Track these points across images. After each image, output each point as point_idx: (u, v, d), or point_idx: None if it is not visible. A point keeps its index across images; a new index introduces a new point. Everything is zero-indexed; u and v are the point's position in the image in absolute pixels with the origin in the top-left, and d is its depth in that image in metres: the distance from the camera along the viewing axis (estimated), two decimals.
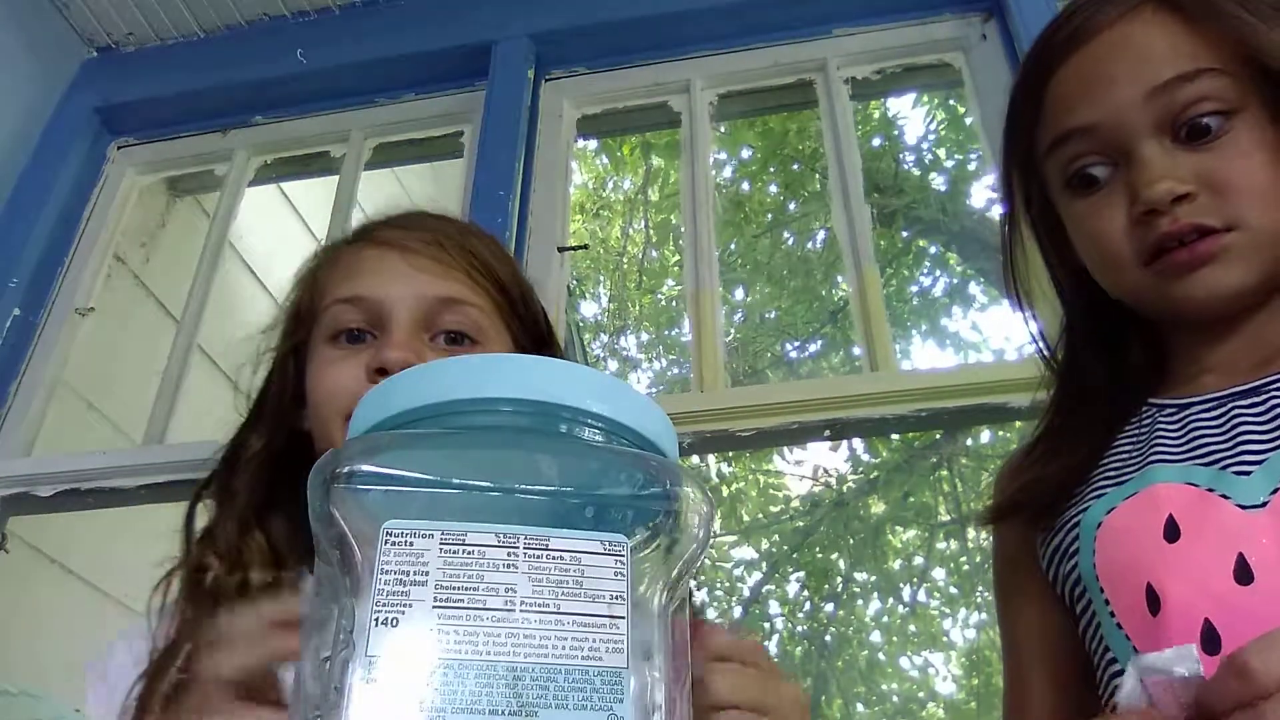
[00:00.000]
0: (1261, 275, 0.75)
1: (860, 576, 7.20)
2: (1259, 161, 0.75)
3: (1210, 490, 0.72)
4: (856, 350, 1.54)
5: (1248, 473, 0.71)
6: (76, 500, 1.73)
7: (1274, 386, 0.74)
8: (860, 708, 7.44)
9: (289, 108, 2.10)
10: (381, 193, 2.84)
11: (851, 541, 6.87)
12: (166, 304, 2.29)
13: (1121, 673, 0.68)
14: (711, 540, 0.42)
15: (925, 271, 6.59)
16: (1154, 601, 0.70)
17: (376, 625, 0.34)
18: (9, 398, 1.85)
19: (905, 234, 6.20)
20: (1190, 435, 0.77)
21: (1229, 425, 0.75)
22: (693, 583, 0.43)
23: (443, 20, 2.02)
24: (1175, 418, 0.80)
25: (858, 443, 6.43)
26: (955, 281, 6.59)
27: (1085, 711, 0.77)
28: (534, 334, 0.94)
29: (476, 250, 0.90)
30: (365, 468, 0.38)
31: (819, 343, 6.87)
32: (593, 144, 5.88)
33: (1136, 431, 0.82)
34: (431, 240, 0.89)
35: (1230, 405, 0.76)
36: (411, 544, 0.36)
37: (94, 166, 2.13)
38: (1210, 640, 0.66)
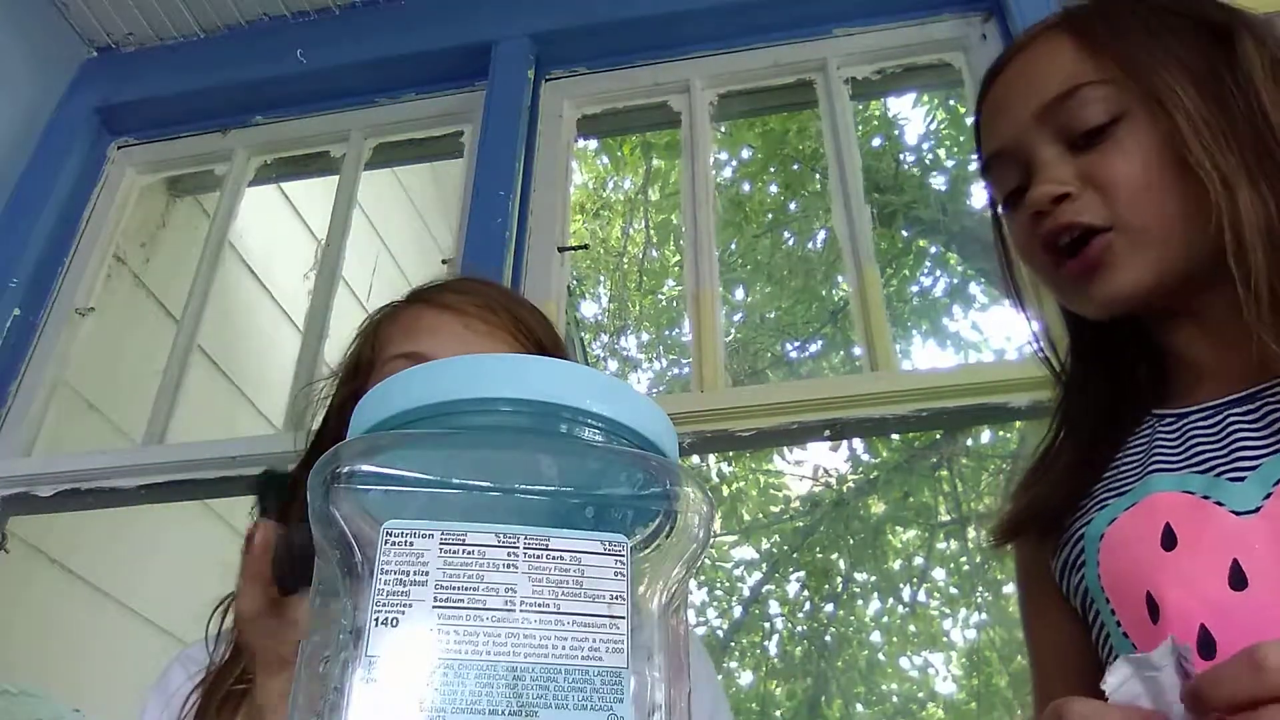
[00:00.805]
0: (1158, 273, 0.78)
1: (860, 576, 7.20)
2: (1140, 161, 0.78)
3: (1206, 497, 0.73)
4: (857, 350, 1.54)
5: (1242, 479, 0.72)
6: (77, 500, 1.73)
7: (1268, 394, 0.75)
8: (860, 708, 7.44)
9: (289, 108, 2.10)
10: (381, 192, 2.85)
11: (851, 541, 6.87)
12: (166, 304, 2.29)
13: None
14: (712, 540, 0.42)
15: (926, 271, 6.59)
16: (1154, 609, 0.71)
17: (376, 625, 0.34)
18: (9, 398, 1.86)
19: (905, 234, 6.20)
20: (1187, 444, 0.78)
21: (1225, 433, 0.76)
22: (693, 582, 0.42)
23: (443, 20, 2.02)
24: (1174, 427, 0.81)
25: (858, 443, 6.44)
26: (955, 281, 6.59)
27: None
28: None
29: (520, 315, 0.99)
30: (365, 467, 0.38)
31: (819, 343, 6.87)
32: (593, 144, 5.89)
33: (1138, 443, 0.83)
34: (482, 304, 0.97)
35: (1225, 413, 0.77)
36: (411, 544, 0.36)
37: (94, 167, 2.13)
38: (1206, 645, 0.66)
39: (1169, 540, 0.72)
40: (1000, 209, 0.91)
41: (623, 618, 0.36)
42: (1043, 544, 0.86)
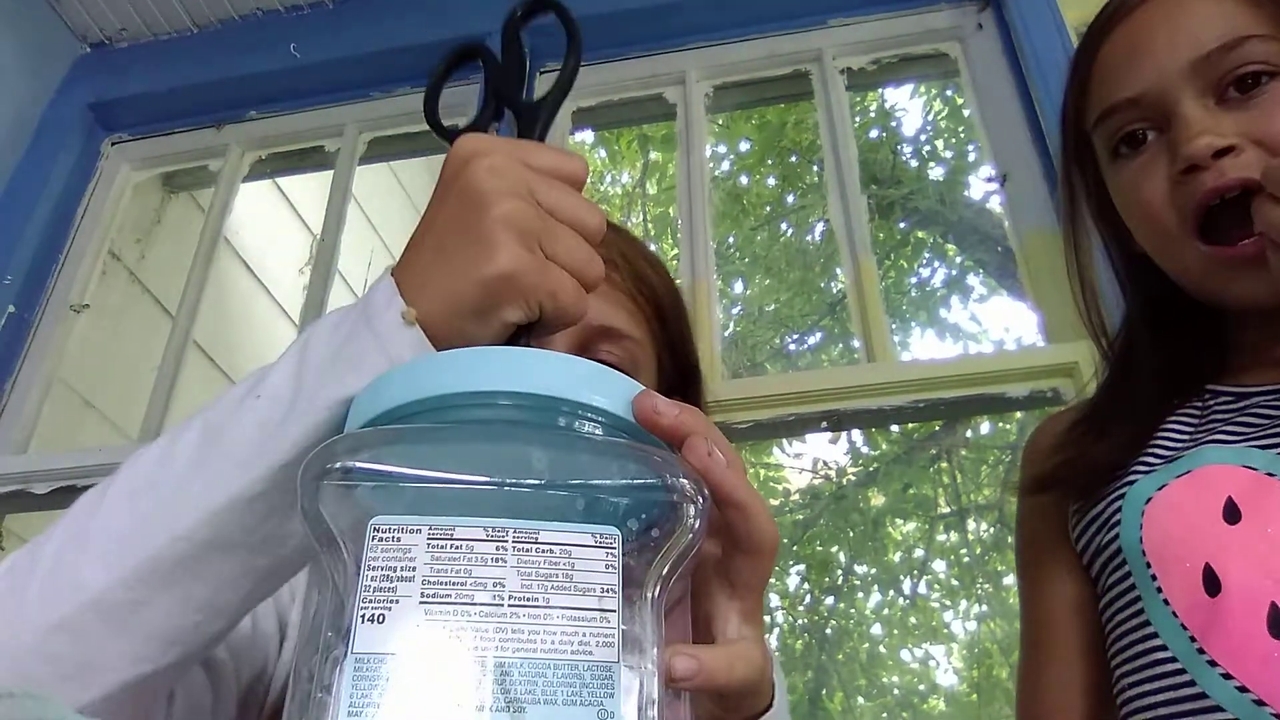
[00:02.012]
0: None
1: (860, 569, 7.21)
2: None
3: (1270, 475, 0.70)
4: (855, 343, 1.53)
5: None
6: (73, 497, 1.69)
7: None
8: (861, 700, 7.45)
9: (283, 102, 2.09)
10: (376, 186, 2.84)
11: (851, 534, 6.87)
12: (162, 300, 2.28)
13: (1161, 648, 0.70)
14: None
15: (924, 263, 6.58)
16: (1212, 582, 0.68)
17: (363, 622, 0.34)
18: (4, 395, 1.85)
19: (903, 225, 6.19)
20: (1249, 419, 0.75)
21: None
22: None
23: (436, 13, 2.01)
24: (1234, 405, 0.78)
25: (857, 435, 6.44)
26: (954, 273, 6.58)
27: (1104, 682, 0.77)
28: (682, 367, 0.89)
29: (645, 275, 0.85)
30: (353, 464, 0.38)
31: (818, 335, 6.87)
32: (589, 137, 5.88)
33: (1191, 414, 0.81)
34: (607, 258, 0.82)
35: None
36: (399, 539, 0.36)
37: (88, 163, 2.12)
38: (1276, 624, 0.65)
39: (1231, 514, 0.70)
40: (1116, 152, 0.83)
41: (614, 611, 0.36)
42: (1064, 502, 0.84)
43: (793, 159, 6.14)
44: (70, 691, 0.48)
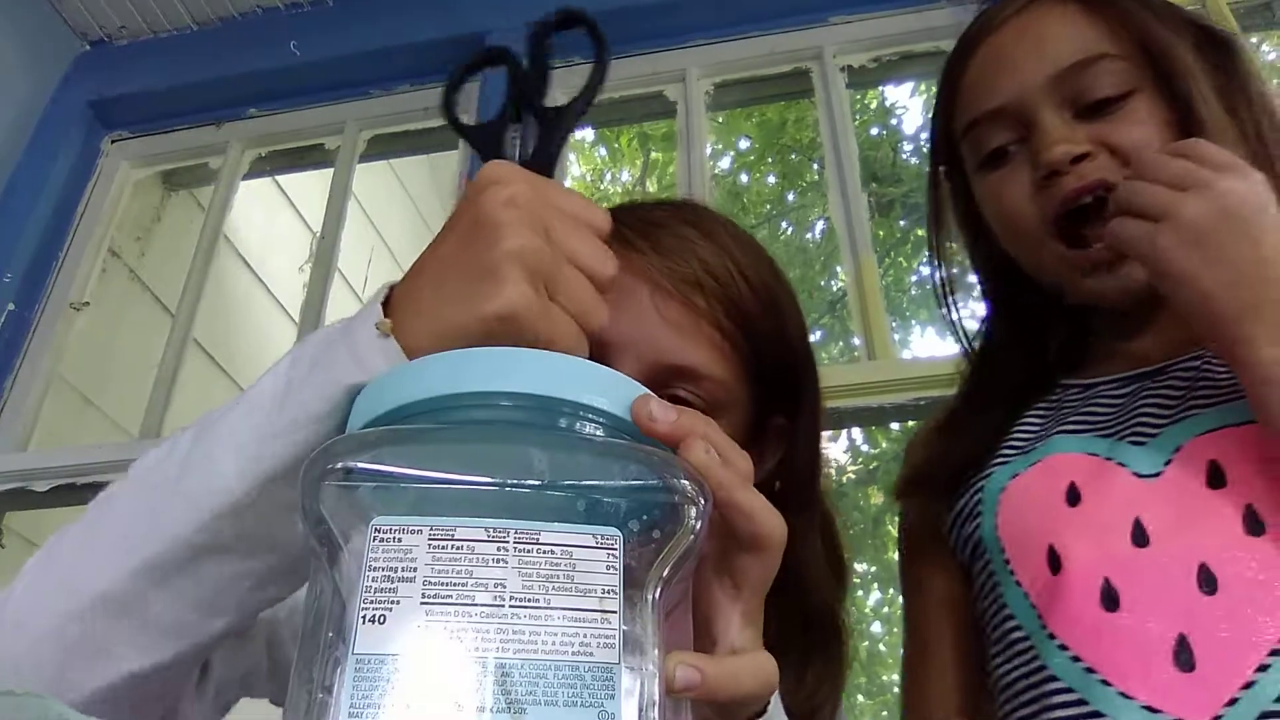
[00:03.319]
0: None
1: (860, 567, 7.21)
2: (1155, 131, 0.79)
3: (1109, 459, 0.76)
4: (856, 340, 1.53)
5: (1143, 442, 0.75)
6: (73, 495, 1.73)
7: (1177, 367, 0.78)
8: (861, 698, 7.45)
9: (283, 100, 2.09)
10: (376, 184, 2.84)
11: (851, 532, 6.86)
12: (162, 298, 2.28)
13: (1016, 628, 0.75)
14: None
15: (924, 261, 6.58)
16: (1055, 562, 0.74)
17: (364, 622, 0.34)
18: (4, 392, 1.85)
19: (903, 223, 6.19)
20: (1093, 409, 0.81)
21: (1132, 401, 0.79)
22: None
23: (436, 10, 2.02)
24: (1081, 395, 0.84)
25: (857, 434, 6.44)
26: (954, 270, 6.58)
27: (981, 679, 0.82)
28: (780, 386, 0.79)
29: (738, 299, 0.74)
30: (354, 464, 0.37)
31: (818, 333, 6.87)
32: (590, 136, 5.87)
33: (1045, 408, 0.86)
34: (690, 278, 0.73)
35: (1135, 384, 0.81)
36: (399, 540, 0.35)
37: (88, 160, 2.12)
38: (1109, 598, 0.69)
39: (1073, 497, 0.76)
40: (982, 164, 0.88)
41: (614, 612, 0.36)
42: (936, 500, 0.88)
43: (793, 157, 6.13)
44: (82, 676, 0.50)
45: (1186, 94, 0.79)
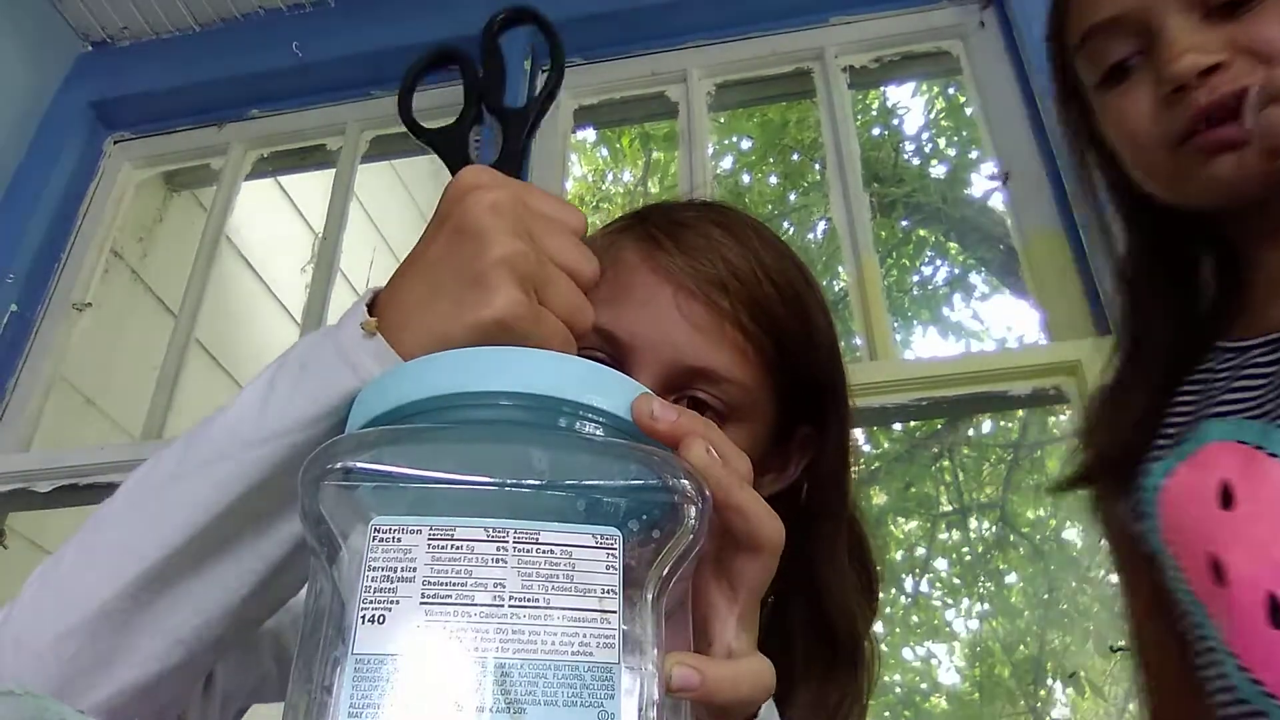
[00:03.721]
0: None
1: None
2: None
3: (1259, 448, 0.67)
4: (857, 341, 1.53)
5: None
6: (75, 496, 1.73)
7: None
8: None
9: (285, 101, 2.09)
10: (379, 185, 2.84)
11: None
12: (164, 299, 2.28)
13: (1201, 637, 0.68)
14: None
15: (926, 261, 6.58)
16: (1218, 572, 0.67)
17: (363, 622, 0.34)
18: (6, 393, 1.85)
19: (905, 223, 6.19)
20: (1245, 383, 0.71)
21: None
22: None
23: (437, 11, 2.01)
24: (1233, 363, 0.74)
25: (859, 433, 6.43)
26: (956, 271, 6.58)
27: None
28: (805, 396, 0.77)
29: (767, 301, 0.72)
30: (353, 464, 0.37)
31: None
32: (591, 136, 5.88)
33: (1198, 381, 0.76)
34: (715, 278, 0.71)
35: None
36: (399, 540, 0.35)
37: (90, 161, 2.12)
38: (1275, 614, 0.63)
39: (1226, 499, 0.67)
40: (1095, 87, 0.78)
41: (614, 612, 0.36)
42: (1110, 495, 0.81)
43: (795, 157, 6.13)
44: (84, 690, 0.50)
45: None
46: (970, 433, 6.44)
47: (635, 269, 0.72)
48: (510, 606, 0.35)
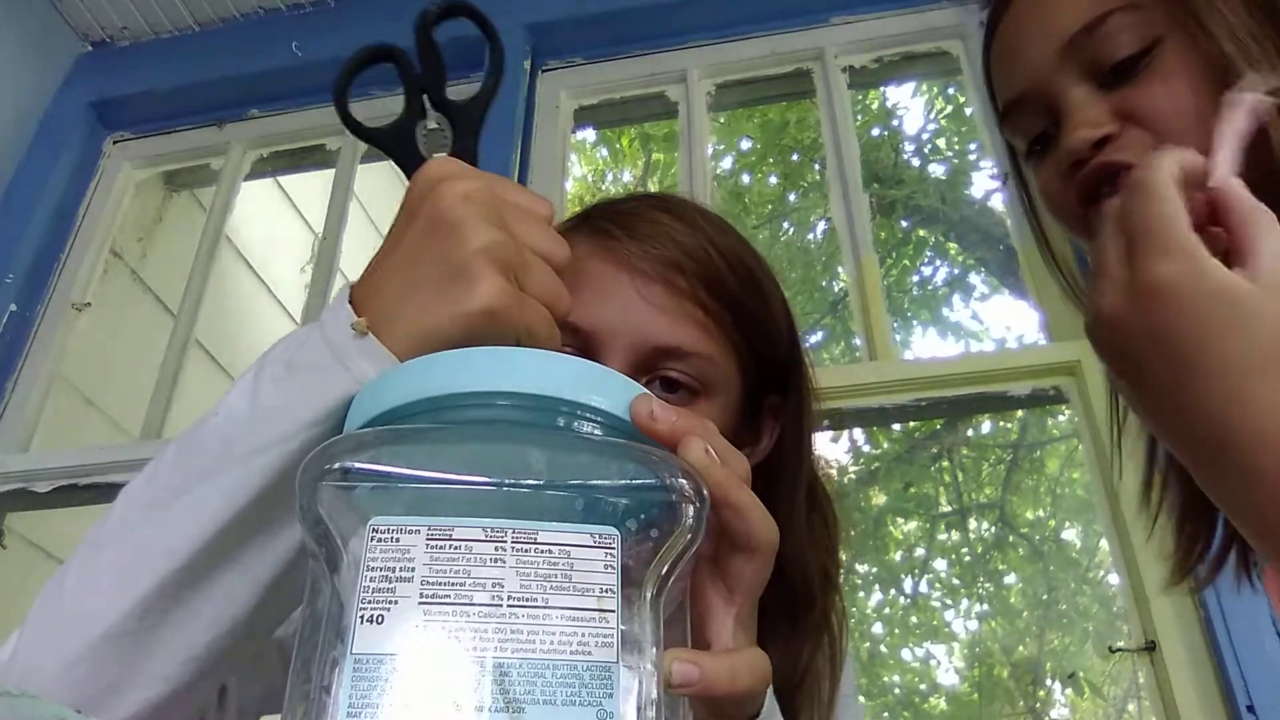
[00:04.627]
0: None
1: (861, 568, 7.19)
2: (1184, 86, 0.67)
3: None
4: (857, 341, 1.54)
5: None
6: (74, 496, 1.73)
7: None
8: (862, 700, 7.44)
9: (284, 101, 2.09)
10: (378, 185, 2.84)
11: (852, 533, 6.83)
12: (163, 299, 2.28)
13: None
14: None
15: (926, 261, 6.58)
16: None
17: (362, 622, 0.34)
18: (6, 393, 1.85)
19: (905, 224, 6.18)
20: None
21: None
22: None
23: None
24: None
25: (858, 434, 6.43)
26: (956, 271, 6.58)
27: None
28: (770, 363, 0.80)
29: (717, 275, 0.74)
30: (352, 464, 0.37)
31: (819, 334, 6.86)
32: (591, 136, 5.88)
33: None
34: (669, 260, 0.73)
35: None
36: (398, 540, 0.35)
37: (90, 161, 2.12)
38: None
39: None
40: (1024, 160, 0.79)
41: (613, 611, 0.36)
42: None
43: (794, 157, 6.13)
44: (101, 710, 0.49)
45: (1212, 43, 0.66)
46: (970, 433, 6.43)
47: (590, 261, 0.74)
48: (509, 606, 0.35)
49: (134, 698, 0.50)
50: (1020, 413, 5.69)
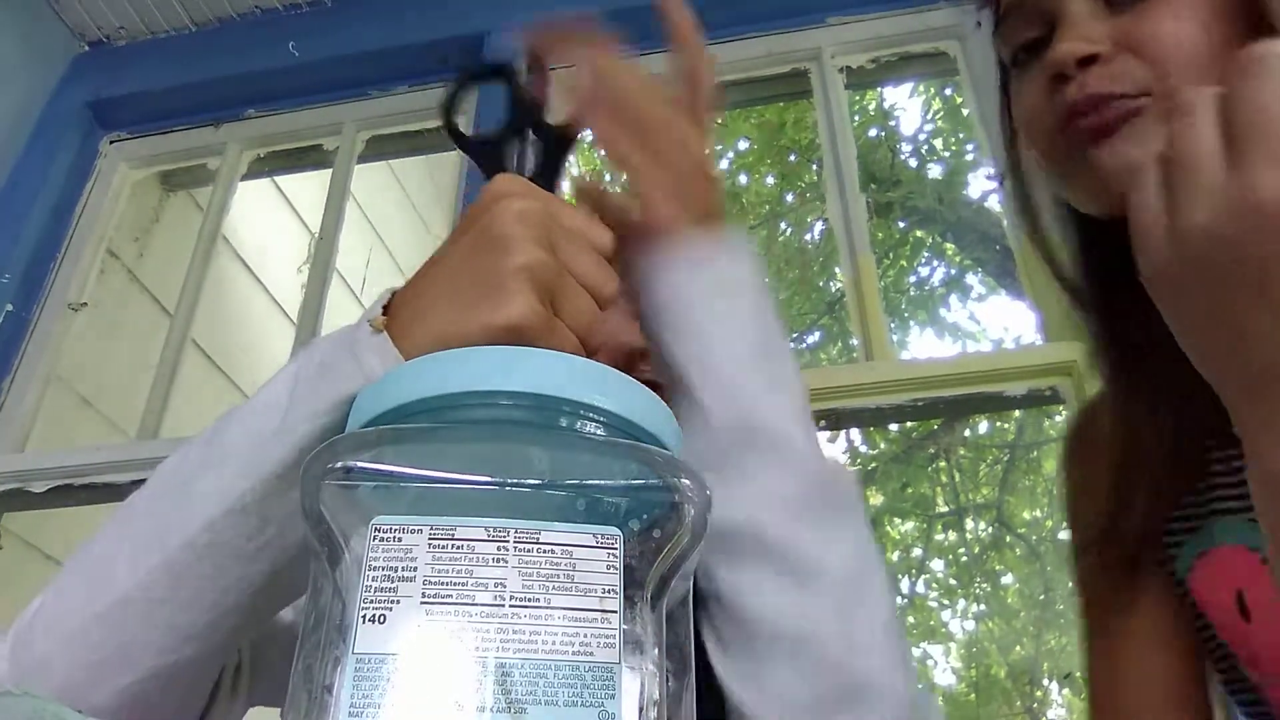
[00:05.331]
0: None
1: None
2: (1194, 24, 0.61)
3: (1264, 561, 0.61)
4: (854, 341, 1.54)
5: None
6: (70, 496, 1.73)
7: None
8: None
9: (281, 101, 2.09)
10: (375, 185, 2.83)
11: None
12: (160, 298, 2.28)
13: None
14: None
15: (923, 262, 6.59)
16: (1251, 671, 0.65)
17: (364, 622, 0.34)
18: (2, 393, 1.85)
19: (902, 224, 6.19)
20: (1243, 477, 0.61)
21: None
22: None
23: (434, 11, 2.01)
24: (1236, 451, 0.63)
25: (855, 434, 6.44)
26: (953, 272, 6.59)
27: None
28: None
29: None
30: (354, 463, 0.37)
31: (816, 334, 6.87)
32: (589, 135, 5.87)
33: (1204, 450, 0.69)
34: None
35: None
36: (400, 539, 0.35)
37: (86, 161, 2.12)
38: None
39: (1242, 608, 0.64)
40: (1011, 67, 0.74)
41: (615, 612, 0.36)
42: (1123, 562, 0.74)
43: (791, 158, 6.13)
44: (108, 675, 0.51)
45: None
46: (967, 433, 6.44)
47: None
48: (511, 606, 0.34)
49: (141, 664, 0.52)
50: (1017, 413, 5.70)
